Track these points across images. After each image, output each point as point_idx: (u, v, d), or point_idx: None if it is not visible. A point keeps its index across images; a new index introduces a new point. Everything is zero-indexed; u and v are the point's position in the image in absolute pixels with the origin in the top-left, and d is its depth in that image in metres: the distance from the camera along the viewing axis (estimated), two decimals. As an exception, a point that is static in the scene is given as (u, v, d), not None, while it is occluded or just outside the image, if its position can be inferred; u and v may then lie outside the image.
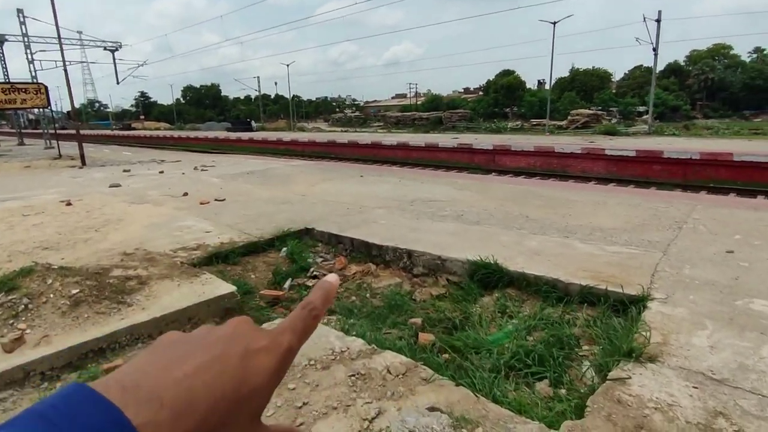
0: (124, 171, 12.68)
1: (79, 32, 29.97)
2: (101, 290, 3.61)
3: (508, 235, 5.16)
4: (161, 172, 12.12)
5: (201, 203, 7.51)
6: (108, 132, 58.11)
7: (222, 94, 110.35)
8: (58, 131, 23.47)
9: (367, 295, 4.39)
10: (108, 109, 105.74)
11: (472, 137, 25.20)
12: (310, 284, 4.61)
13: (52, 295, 3.45)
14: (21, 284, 3.49)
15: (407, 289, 4.51)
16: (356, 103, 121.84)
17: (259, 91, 60.36)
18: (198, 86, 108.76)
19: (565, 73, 63.18)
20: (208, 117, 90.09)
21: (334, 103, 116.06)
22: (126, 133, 54.21)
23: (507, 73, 66.28)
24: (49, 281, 3.56)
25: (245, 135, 34.87)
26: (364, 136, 27.56)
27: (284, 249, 5.22)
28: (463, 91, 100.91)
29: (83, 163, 15.26)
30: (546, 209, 6.44)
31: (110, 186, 9.81)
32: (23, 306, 3.32)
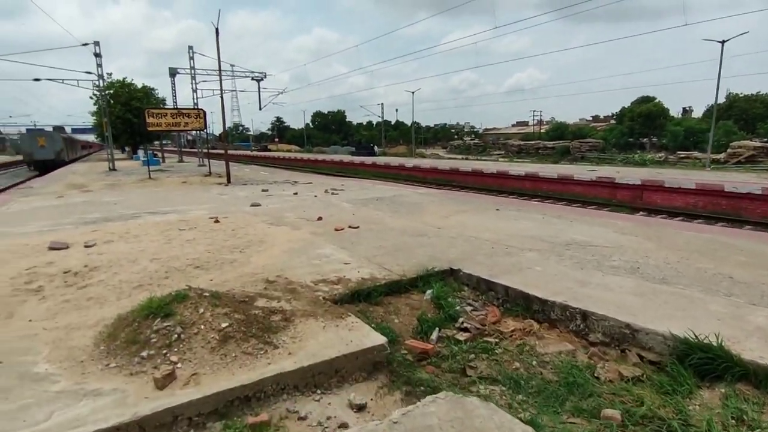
0: (263, 191, 13.46)
1: (232, 65, 33.92)
2: (248, 326, 3.37)
3: (717, 303, 4.00)
4: (295, 193, 12.60)
5: (336, 229, 7.38)
6: (248, 152, 64.77)
7: (347, 119, 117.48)
8: (209, 151, 26.36)
9: (534, 362, 3.61)
10: (249, 132, 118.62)
11: (612, 170, 22.79)
12: (461, 338, 3.98)
13: (203, 326, 3.29)
14: (176, 311, 3.39)
15: (584, 361, 3.63)
16: (475, 130, 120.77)
17: (382, 118, 62.72)
18: (326, 112, 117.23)
19: (718, 100, 55.35)
20: (333, 141, 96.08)
21: (453, 130, 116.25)
22: (263, 153, 59.84)
23: (646, 99, 60.35)
24: (201, 310, 3.41)
25: (368, 159, 36.03)
26: (489, 165, 26.60)
27: (429, 291, 4.68)
28: (591, 119, 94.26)
29: (228, 181, 16.67)
30: (755, 269, 5.05)
31: (251, 205, 10.34)
32: (176, 335, 3.18)
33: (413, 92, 46.47)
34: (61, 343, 3.39)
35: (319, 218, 8.38)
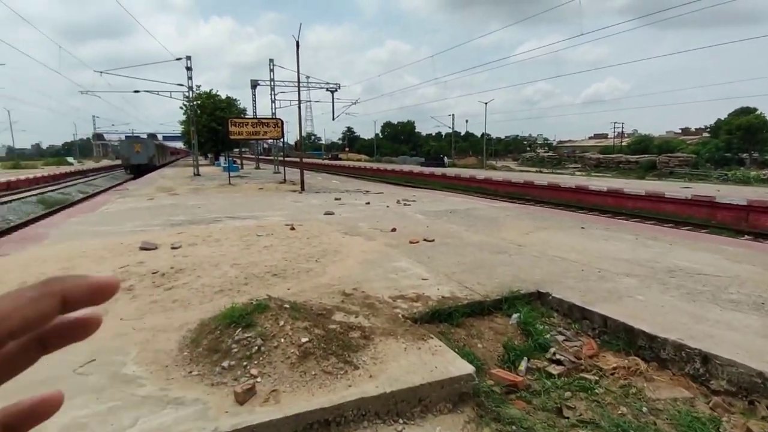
0: (336, 199, 13.61)
1: (308, 77, 35.06)
2: (328, 342, 3.23)
3: None
4: (368, 203, 12.59)
5: (411, 242, 7.17)
6: (319, 161, 66.84)
7: (416, 130, 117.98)
8: (284, 159, 27.37)
9: (643, 408, 3.14)
10: (321, 141, 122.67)
11: (708, 188, 20.69)
12: (554, 371, 3.58)
13: (283, 340, 3.19)
14: (257, 321, 3.33)
15: (705, 412, 3.11)
16: (549, 142, 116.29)
17: (452, 129, 62.11)
18: (395, 123, 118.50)
19: None
20: (402, 151, 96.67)
21: (525, 142, 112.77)
22: (333, 162, 61.41)
23: (745, 111, 54.78)
24: (281, 322, 3.32)
25: (438, 170, 35.69)
26: (565, 179, 25.26)
27: (515, 316, 4.31)
28: (680, 131, 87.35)
29: (302, 188, 17.11)
30: None
31: (325, 213, 10.43)
32: (257, 347, 3.11)
33: (486, 103, 45.55)
34: (149, 345, 3.45)
35: (393, 229, 8.23)
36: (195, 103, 31.52)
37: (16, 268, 5.70)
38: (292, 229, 8.21)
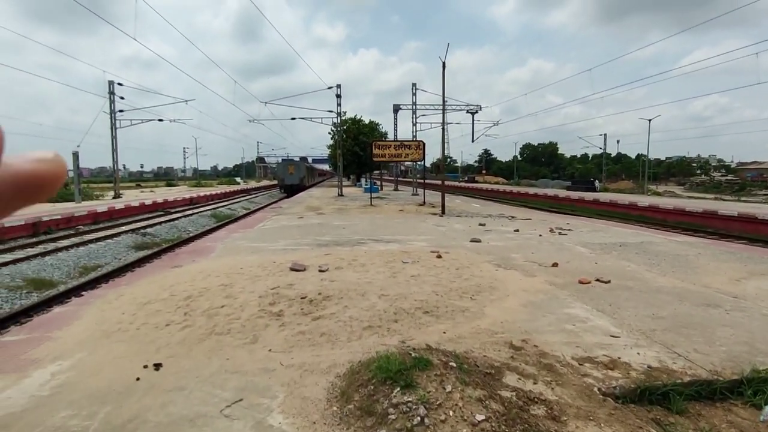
0: (480, 225, 12.74)
1: (445, 100, 34.83)
2: (511, 425, 2.45)
3: None
4: (516, 230, 11.48)
5: (581, 282, 6.01)
6: (456, 183, 66.32)
7: (558, 151, 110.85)
8: (424, 181, 27.33)
9: None
10: (456, 164, 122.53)
11: None
12: None
13: (452, 413, 2.51)
14: (418, 382, 2.72)
15: None
16: (725, 164, 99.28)
17: (604, 149, 56.49)
18: (535, 144, 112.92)
19: None
20: (542, 174, 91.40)
21: (693, 164, 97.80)
22: (470, 185, 60.29)
23: None
24: (448, 387, 2.66)
25: (588, 195, 32.34)
26: (760, 209, 20.60)
27: (767, 409, 3.02)
28: None
29: (443, 212, 16.58)
30: None
31: (471, 240, 9.65)
32: (419, 419, 2.47)
33: (650, 120, 40.21)
34: (296, 389, 3.06)
35: (555, 264, 7.10)
36: (342, 128, 33.57)
37: (185, 281, 6.05)
38: (439, 257, 7.60)
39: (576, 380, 3.17)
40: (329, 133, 40.50)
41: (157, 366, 3.39)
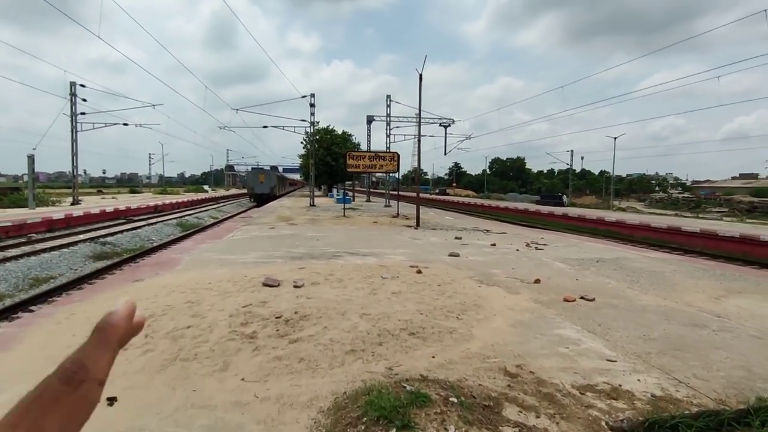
0: (456, 238, 12.59)
1: (416, 114, 34.95)
2: (523, 472, 2.18)
3: None
4: (493, 244, 11.37)
5: (566, 300, 5.85)
6: (428, 195, 66.63)
7: (526, 166, 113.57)
8: (398, 193, 27.19)
9: None
10: (427, 176, 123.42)
11: None
12: None
13: (455, 459, 2.21)
14: (416, 420, 2.41)
15: None
16: (681, 182, 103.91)
17: (571, 166, 58.02)
18: (504, 159, 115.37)
19: None
20: (511, 188, 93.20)
21: (653, 181, 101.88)
22: (441, 197, 60.66)
23: None
24: (451, 428, 2.35)
25: (557, 210, 32.97)
26: (717, 226, 21.39)
27: (780, 442, 2.85)
28: None
29: (418, 224, 16.39)
30: None
31: (449, 255, 9.45)
32: (418, 466, 2.16)
33: (615, 138, 41.62)
34: (273, 428, 2.69)
35: (537, 281, 6.95)
36: (315, 137, 33.15)
37: (147, 297, 5.55)
38: (419, 272, 7.34)
39: (580, 412, 2.93)
40: (301, 142, 40.13)
41: (111, 400, 2.95)
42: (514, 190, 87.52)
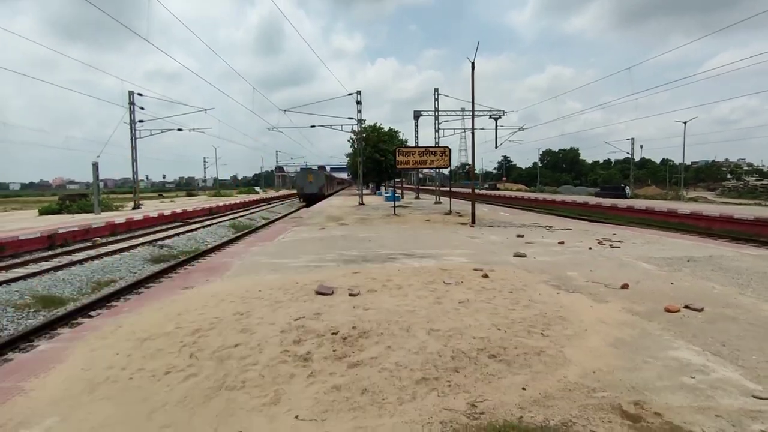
0: (518, 236, 11.66)
1: (463, 109, 33.44)
2: None
3: None
4: (561, 242, 10.37)
5: (667, 310, 4.93)
6: (477, 191, 64.93)
7: (579, 157, 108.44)
8: (450, 190, 26.31)
9: None
10: (475, 171, 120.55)
11: None
12: None
13: None
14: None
15: None
16: (758, 167, 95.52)
17: (632, 155, 54.36)
18: (556, 150, 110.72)
19: None
20: (564, 180, 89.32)
21: (724, 168, 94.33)
22: (492, 192, 58.91)
23: None
24: None
25: (620, 202, 30.81)
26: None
27: None
28: None
29: (473, 221, 15.52)
30: None
31: (515, 255, 8.61)
32: None
33: (685, 122, 38.29)
34: (335, 493, 2.12)
35: (625, 286, 6.03)
36: (362, 135, 32.81)
37: (195, 308, 5.19)
38: (485, 276, 6.60)
39: (747, 482, 2.14)
40: (348, 141, 39.98)
41: (146, 444, 2.49)
42: (568, 183, 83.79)
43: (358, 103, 28.54)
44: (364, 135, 37.84)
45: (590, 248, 9.54)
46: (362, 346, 3.85)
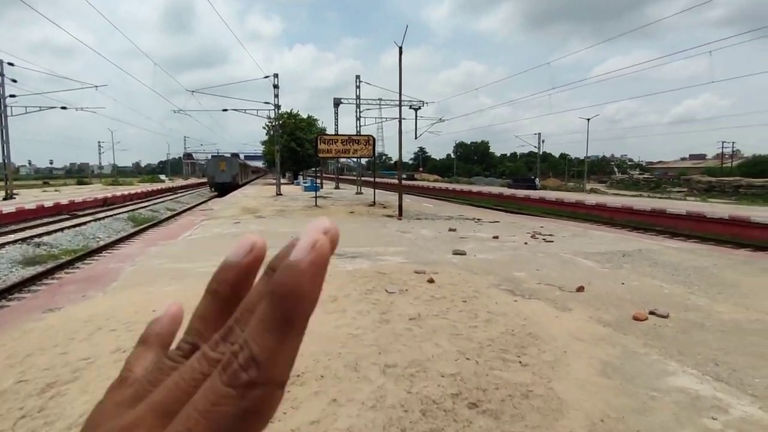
0: (450, 230, 11.13)
1: (380, 99, 32.80)
2: None
3: None
4: (496, 237, 9.97)
5: (636, 318, 4.47)
6: (394, 181, 65.19)
7: (489, 150, 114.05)
8: (374, 180, 25.56)
9: None
10: (392, 161, 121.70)
11: None
12: None
13: None
14: None
15: None
16: (638, 163, 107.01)
17: (539, 149, 57.89)
18: (468, 143, 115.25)
19: None
20: (476, 172, 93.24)
21: (612, 163, 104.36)
22: (410, 183, 59.40)
23: None
24: None
25: (533, 193, 32.23)
26: (717, 209, 20.90)
27: None
28: (797, 152, 75.74)
29: (400, 214, 14.86)
30: None
31: (454, 253, 7.97)
32: None
33: (588, 119, 41.11)
34: None
35: (580, 288, 5.56)
36: (279, 122, 30.89)
37: (55, 344, 3.76)
38: (431, 281, 5.80)
39: None
40: (264, 127, 37.74)
41: None
42: (479, 174, 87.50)
43: (275, 86, 26.70)
44: (281, 122, 35.82)
45: (526, 243, 9.21)
46: (296, 402, 2.80)
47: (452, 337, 3.86)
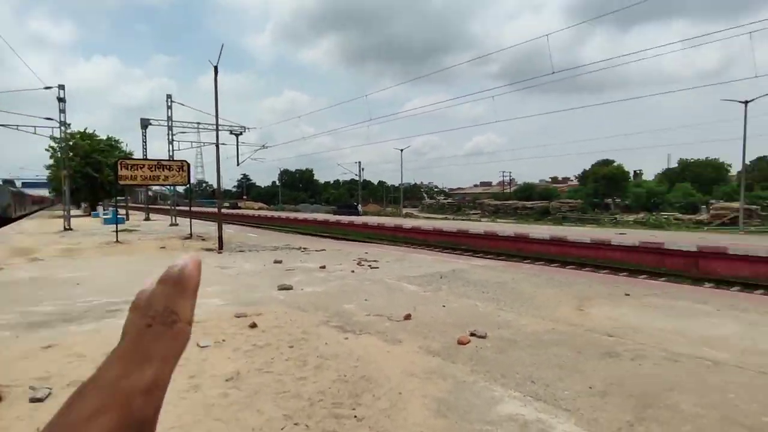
0: (276, 262, 10.49)
1: (198, 123, 30.08)
2: None
3: None
4: (323, 267, 9.70)
5: (460, 343, 4.60)
6: (214, 210, 60.90)
7: (314, 177, 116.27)
8: (191, 209, 23.14)
9: None
10: (212, 189, 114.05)
11: (607, 232, 21.10)
12: None
13: None
14: None
15: None
16: (442, 190, 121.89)
17: (360, 176, 61.05)
18: (293, 170, 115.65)
19: (661, 165, 58.50)
20: (302, 199, 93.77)
21: (422, 189, 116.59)
22: (233, 211, 56.17)
23: (606, 162, 61.98)
24: None
25: (356, 219, 33.46)
26: (505, 228, 24.44)
27: None
28: (550, 180, 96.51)
29: (221, 247, 13.57)
30: None
31: (279, 288, 7.39)
32: None
33: (402, 150, 44.92)
34: None
35: (407, 317, 5.58)
36: (67, 143, 25.89)
37: None
38: (253, 326, 5.14)
39: None
40: (47, 149, 31.40)
41: None
42: (305, 201, 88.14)
43: (61, 100, 22.34)
44: (72, 143, 30.07)
45: (353, 271, 9.17)
46: None
47: (278, 397, 3.33)
